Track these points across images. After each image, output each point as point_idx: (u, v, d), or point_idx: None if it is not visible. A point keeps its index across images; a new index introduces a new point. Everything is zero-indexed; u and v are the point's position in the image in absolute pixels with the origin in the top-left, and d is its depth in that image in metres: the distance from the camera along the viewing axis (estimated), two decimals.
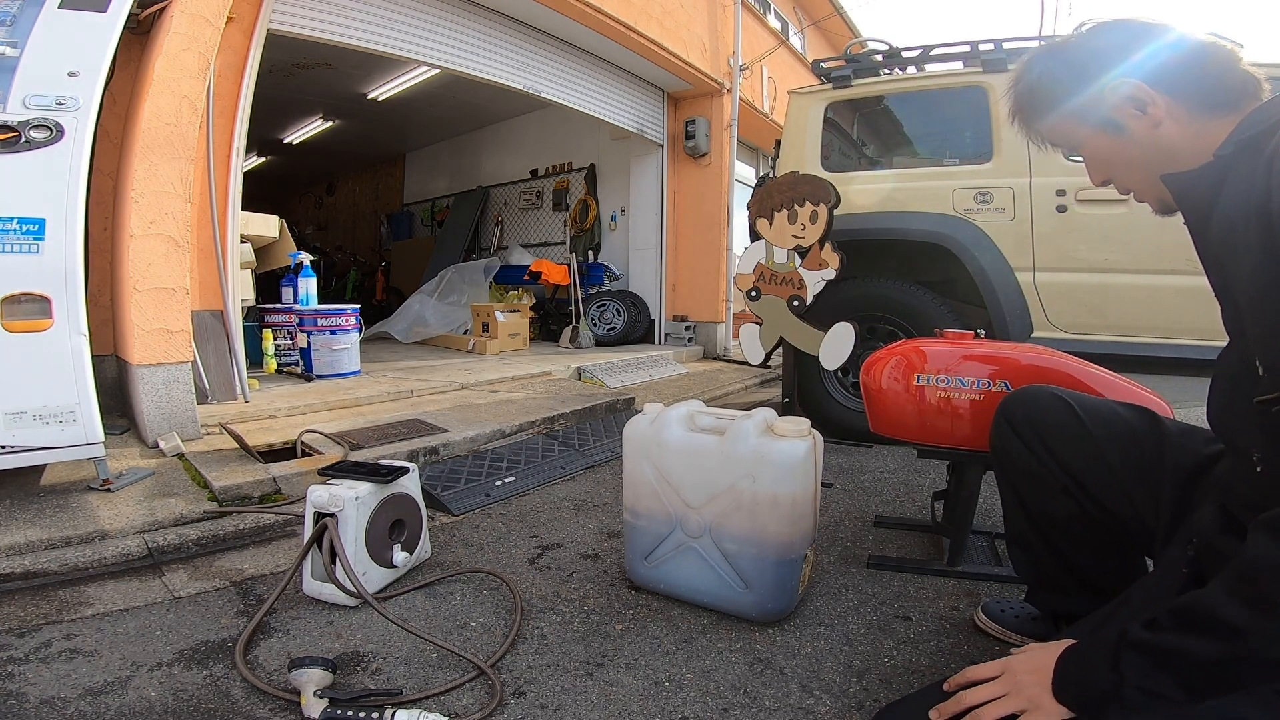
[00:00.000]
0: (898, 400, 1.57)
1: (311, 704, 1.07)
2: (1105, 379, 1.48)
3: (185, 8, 2.51)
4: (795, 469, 1.34)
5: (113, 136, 2.71)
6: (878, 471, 2.61)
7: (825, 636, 1.38)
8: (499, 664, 1.26)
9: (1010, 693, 0.80)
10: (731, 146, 6.15)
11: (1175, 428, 1.07)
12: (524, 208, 7.84)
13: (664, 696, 1.17)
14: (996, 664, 0.84)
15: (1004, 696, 0.80)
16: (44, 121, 1.83)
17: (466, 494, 2.23)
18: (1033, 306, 2.79)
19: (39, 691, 1.15)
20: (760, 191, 2.89)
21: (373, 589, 1.49)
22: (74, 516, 1.79)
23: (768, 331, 2.92)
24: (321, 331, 3.79)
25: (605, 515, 2.12)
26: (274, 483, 2.12)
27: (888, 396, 1.59)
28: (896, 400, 1.57)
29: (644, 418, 1.53)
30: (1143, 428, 1.09)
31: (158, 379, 2.45)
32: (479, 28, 4.35)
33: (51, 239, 1.82)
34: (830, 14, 9.30)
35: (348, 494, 1.46)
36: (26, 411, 1.81)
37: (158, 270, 2.45)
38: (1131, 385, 1.47)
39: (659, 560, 1.51)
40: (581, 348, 5.79)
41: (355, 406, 3.24)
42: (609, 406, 3.48)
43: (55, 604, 1.48)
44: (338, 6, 3.58)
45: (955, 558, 1.65)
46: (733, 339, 6.34)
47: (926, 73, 3.25)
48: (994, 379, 1.45)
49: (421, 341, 5.91)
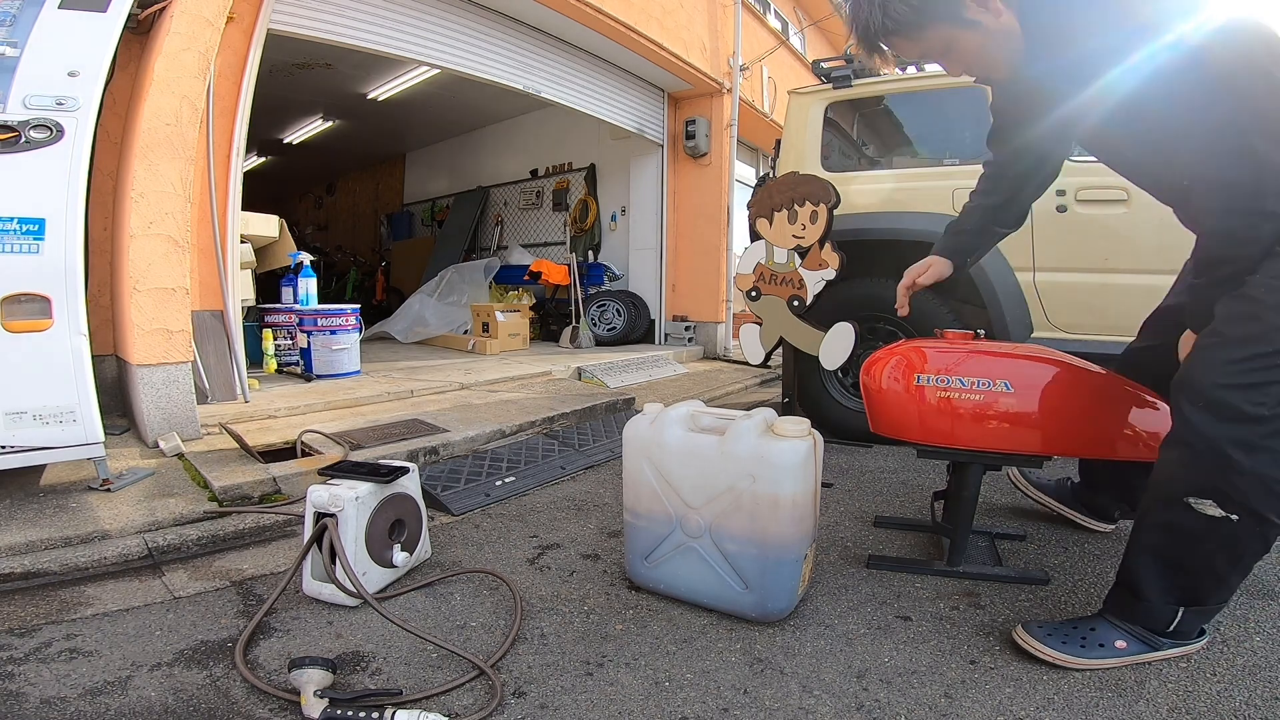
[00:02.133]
0: (898, 400, 1.57)
1: (311, 704, 1.07)
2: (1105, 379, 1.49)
3: (185, 8, 2.51)
4: (795, 469, 1.34)
5: (113, 136, 2.71)
6: (878, 471, 2.61)
7: (825, 636, 1.38)
8: (499, 664, 1.26)
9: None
10: (731, 146, 6.15)
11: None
12: (524, 208, 7.84)
13: (664, 696, 1.17)
14: None
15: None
16: (44, 121, 1.83)
17: (466, 494, 2.23)
18: (1033, 306, 2.79)
19: (39, 691, 1.15)
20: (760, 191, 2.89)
21: (373, 589, 1.49)
22: (74, 516, 1.79)
23: (768, 331, 2.92)
24: (321, 331, 3.79)
25: (605, 515, 2.12)
26: (274, 483, 2.12)
27: (888, 397, 1.59)
28: (897, 400, 1.57)
29: (644, 418, 1.53)
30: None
31: (158, 379, 2.45)
32: (479, 28, 4.35)
33: (51, 239, 1.82)
34: (830, 14, 9.29)
35: (348, 494, 1.46)
36: (26, 411, 1.81)
37: (158, 270, 2.45)
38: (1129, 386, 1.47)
39: (659, 560, 1.51)
40: (581, 348, 5.79)
41: (355, 406, 3.24)
42: (609, 406, 3.48)
43: (55, 604, 1.48)
44: (338, 6, 3.58)
45: (955, 558, 1.65)
46: (733, 339, 6.34)
47: (926, 73, 3.25)
48: (994, 379, 1.46)
49: (421, 341, 5.91)
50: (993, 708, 1.13)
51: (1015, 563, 1.72)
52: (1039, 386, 1.46)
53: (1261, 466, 1.08)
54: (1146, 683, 1.20)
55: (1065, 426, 1.46)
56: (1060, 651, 1.23)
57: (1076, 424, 1.46)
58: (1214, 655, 1.28)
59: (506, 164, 8.05)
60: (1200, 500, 1.12)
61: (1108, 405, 1.46)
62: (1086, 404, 1.46)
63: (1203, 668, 1.24)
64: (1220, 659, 1.27)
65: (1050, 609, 1.48)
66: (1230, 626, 1.39)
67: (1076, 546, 1.84)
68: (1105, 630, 1.25)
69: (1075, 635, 1.25)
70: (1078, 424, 1.46)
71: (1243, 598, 1.51)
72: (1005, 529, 1.91)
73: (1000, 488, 2.34)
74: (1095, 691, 1.17)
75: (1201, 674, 1.22)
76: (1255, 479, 1.08)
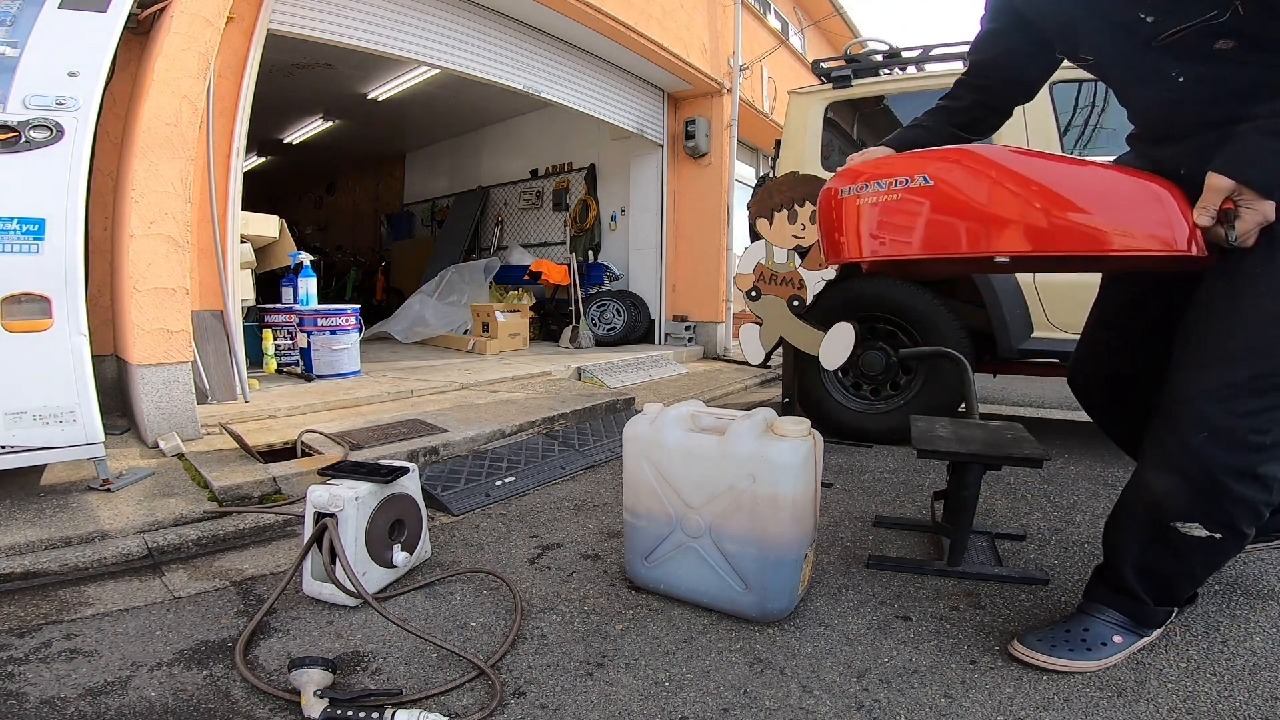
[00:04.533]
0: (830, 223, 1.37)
1: (311, 704, 1.07)
2: (1040, 165, 1.17)
3: (185, 8, 2.51)
4: (795, 469, 1.34)
5: (113, 136, 2.71)
6: (878, 471, 2.61)
7: (825, 636, 1.38)
8: (499, 664, 1.26)
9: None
10: (731, 146, 6.15)
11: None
12: (524, 208, 7.84)
13: (664, 696, 1.17)
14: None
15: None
16: (44, 121, 1.83)
17: (466, 494, 2.23)
18: (1032, 306, 2.79)
19: (39, 691, 1.15)
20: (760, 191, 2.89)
21: (373, 589, 1.49)
22: (74, 516, 1.79)
23: (768, 331, 2.92)
24: (321, 331, 3.79)
25: (605, 515, 2.12)
26: (274, 483, 2.12)
27: (827, 222, 1.38)
28: (829, 223, 1.37)
29: (644, 418, 1.53)
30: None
31: (158, 379, 2.45)
32: (479, 28, 4.35)
33: (51, 239, 1.82)
34: (830, 14, 9.29)
35: (348, 494, 1.46)
36: (26, 411, 1.81)
37: (158, 270, 2.45)
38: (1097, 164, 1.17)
39: (659, 560, 1.51)
40: (581, 348, 5.79)
41: (355, 406, 3.24)
42: (609, 406, 3.48)
43: (55, 604, 1.48)
44: (338, 6, 3.58)
45: (955, 558, 1.65)
46: (733, 339, 6.34)
47: (926, 73, 3.25)
48: (911, 175, 1.22)
49: (421, 341, 5.91)
50: (993, 708, 1.13)
51: (1015, 563, 1.72)
52: (964, 175, 1.18)
53: (1251, 493, 1.08)
54: (1147, 683, 1.20)
55: (1011, 216, 1.13)
56: (1068, 659, 1.22)
57: (1023, 212, 1.12)
58: (1214, 655, 1.29)
59: (506, 164, 8.05)
60: (1187, 524, 1.13)
61: (1066, 186, 1.11)
62: (1034, 186, 1.12)
63: (1203, 668, 1.24)
64: (1220, 659, 1.27)
65: (1051, 609, 1.48)
66: (1230, 626, 1.39)
67: (1076, 546, 1.84)
68: (1098, 628, 1.25)
69: (1074, 639, 1.24)
70: (1025, 211, 1.12)
71: (1243, 598, 1.51)
72: (1005, 529, 1.91)
73: (1000, 488, 2.34)
74: (1095, 691, 1.17)
75: (1201, 674, 1.22)
76: (1245, 505, 1.09)
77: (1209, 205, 1.00)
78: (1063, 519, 2.06)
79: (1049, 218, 1.08)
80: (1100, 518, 2.06)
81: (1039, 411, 3.85)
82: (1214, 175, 1.00)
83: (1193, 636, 1.36)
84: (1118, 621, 1.25)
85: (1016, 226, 1.09)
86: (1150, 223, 1.04)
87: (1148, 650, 1.30)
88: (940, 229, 1.18)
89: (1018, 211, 1.10)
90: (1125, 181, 1.09)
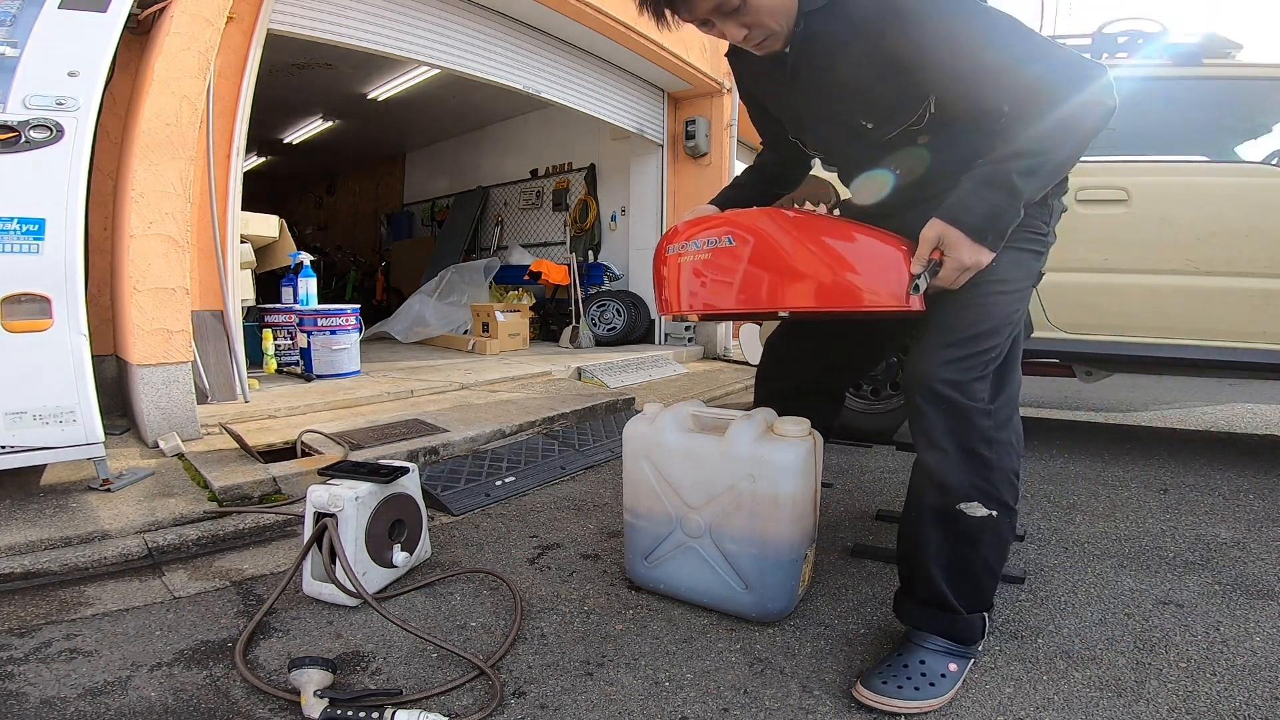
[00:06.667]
0: (660, 276, 1.44)
1: (311, 704, 1.07)
2: (829, 221, 1.29)
3: (185, 8, 2.51)
4: (795, 469, 1.34)
5: (113, 136, 2.71)
6: (878, 471, 2.61)
7: (825, 636, 1.38)
8: (499, 664, 1.26)
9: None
10: (732, 146, 6.15)
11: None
12: (524, 208, 7.84)
13: (664, 696, 1.17)
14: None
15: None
16: (44, 121, 1.83)
17: (466, 494, 2.23)
18: (1032, 306, 2.79)
19: (39, 691, 1.15)
20: None
21: (373, 589, 1.49)
22: (74, 516, 1.79)
23: (768, 331, 2.92)
24: (321, 331, 3.79)
25: (605, 515, 2.12)
26: (274, 483, 2.12)
27: (660, 274, 1.45)
28: (660, 277, 1.45)
29: (644, 418, 1.53)
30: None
31: (157, 379, 2.45)
32: (479, 28, 4.35)
33: (51, 239, 1.82)
34: None
35: (348, 494, 1.46)
36: (26, 411, 1.81)
37: (158, 270, 2.45)
38: (857, 227, 1.26)
39: (659, 560, 1.51)
40: (581, 348, 5.79)
41: (355, 406, 3.24)
42: (609, 406, 3.48)
43: (55, 604, 1.48)
44: (338, 6, 3.58)
45: None
46: (733, 339, 6.34)
47: None
48: (719, 235, 1.31)
49: (421, 341, 5.91)
50: (993, 708, 1.13)
51: (1015, 563, 1.72)
52: (760, 234, 1.26)
53: (1003, 459, 1.16)
54: (1146, 683, 1.20)
55: (794, 274, 1.23)
56: (915, 700, 1.12)
57: (808, 270, 1.22)
58: (1214, 655, 1.29)
59: (506, 164, 8.05)
60: (969, 504, 1.16)
61: (844, 246, 1.23)
62: (817, 247, 1.23)
63: (1203, 668, 1.24)
64: (1220, 659, 1.27)
65: (1051, 609, 1.48)
66: (1230, 626, 1.39)
67: (1077, 546, 1.84)
68: (933, 660, 1.18)
69: (915, 675, 1.16)
70: (810, 269, 1.22)
71: (1243, 598, 1.51)
72: None
73: None
74: (1095, 691, 1.17)
75: (1201, 674, 1.22)
76: (1001, 472, 1.16)
77: (921, 256, 1.13)
78: (1063, 519, 2.06)
79: (834, 275, 1.21)
80: (1100, 518, 2.07)
81: (1039, 411, 3.85)
82: (928, 225, 1.12)
83: (1193, 636, 1.36)
84: (946, 649, 1.19)
85: (808, 282, 1.22)
86: (891, 282, 1.17)
87: (1148, 650, 1.30)
88: (745, 284, 1.28)
89: (810, 269, 1.22)
90: (875, 242, 1.21)
